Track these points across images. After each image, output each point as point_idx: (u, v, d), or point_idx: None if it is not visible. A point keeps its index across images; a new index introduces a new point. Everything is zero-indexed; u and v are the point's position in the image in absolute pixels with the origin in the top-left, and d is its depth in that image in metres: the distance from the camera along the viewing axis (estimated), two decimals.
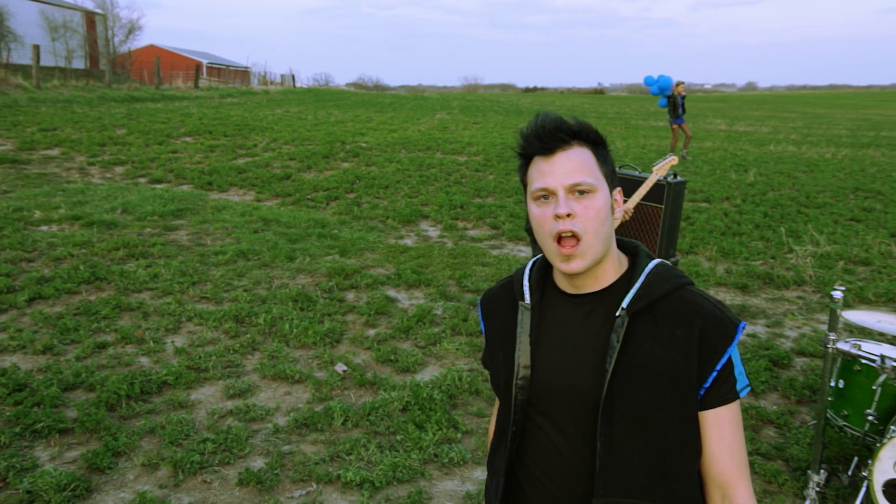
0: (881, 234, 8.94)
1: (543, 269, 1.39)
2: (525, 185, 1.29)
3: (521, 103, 38.92)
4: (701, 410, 1.24)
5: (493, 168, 12.65)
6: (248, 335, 4.83)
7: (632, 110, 37.03)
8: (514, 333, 1.33)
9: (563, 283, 1.33)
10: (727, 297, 6.50)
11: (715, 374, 1.23)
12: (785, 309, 6.24)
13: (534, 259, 1.42)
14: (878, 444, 3.10)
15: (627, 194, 4.61)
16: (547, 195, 1.23)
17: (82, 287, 5.61)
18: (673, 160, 4.49)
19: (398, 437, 3.62)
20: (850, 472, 3.49)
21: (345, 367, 4.39)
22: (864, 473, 3.22)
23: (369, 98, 33.80)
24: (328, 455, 3.43)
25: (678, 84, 15.21)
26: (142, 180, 10.83)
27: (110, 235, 7.13)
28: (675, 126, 15.38)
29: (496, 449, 1.40)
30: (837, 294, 3.17)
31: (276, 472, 3.26)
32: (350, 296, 5.82)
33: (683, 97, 15.18)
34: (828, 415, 3.62)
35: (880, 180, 13.12)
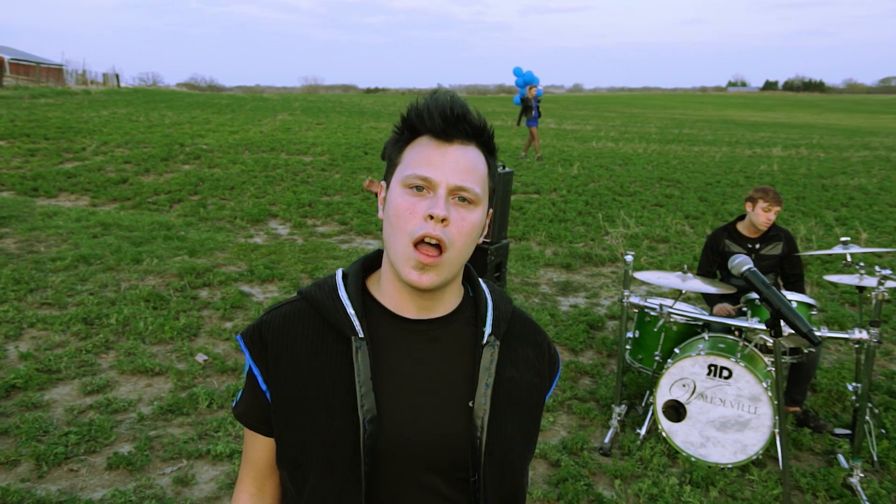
0: (678, 216, 10.43)
1: (360, 287, 1.11)
2: (394, 165, 1.07)
3: (364, 104, 39.29)
4: None
5: (338, 167, 12.94)
6: (101, 335, 4.81)
7: None
8: (340, 376, 1.02)
9: (397, 305, 1.08)
10: (554, 275, 7.36)
11: (551, 391, 1.22)
12: (601, 283, 7.21)
13: (339, 273, 1.13)
14: (658, 376, 3.90)
15: None
16: (423, 187, 1.01)
17: None
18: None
19: None
20: (643, 403, 4.29)
21: (205, 357, 4.56)
22: (650, 400, 4.01)
23: (204, 99, 32.45)
24: (196, 434, 3.64)
25: (531, 88, 16.01)
26: None
27: None
28: (531, 128, 15.98)
29: None
30: (629, 258, 3.94)
31: (145, 453, 3.42)
32: (203, 293, 5.91)
33: (538, 101, 15.99)
34: (627, 360, 4.41)
35: (680, 171, 15.10)
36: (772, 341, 3.89)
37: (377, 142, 17.07)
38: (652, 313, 4.21)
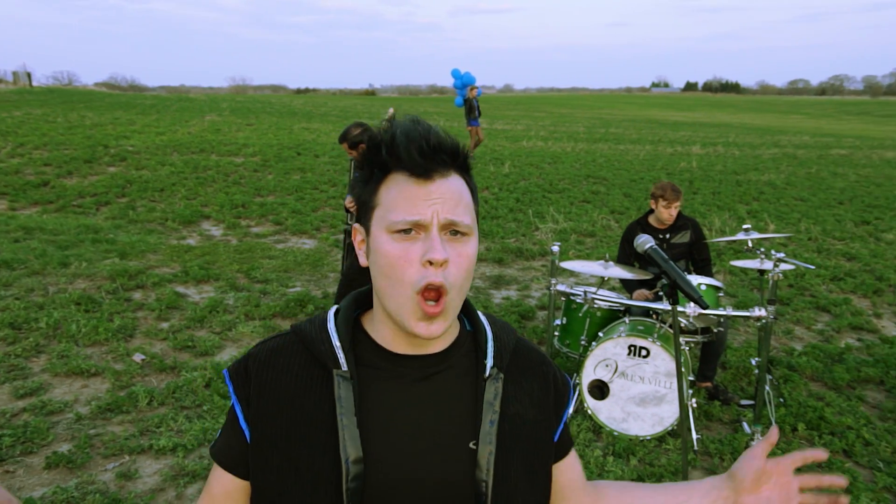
0: (604, 211, 10.91)
1: (351, 323, 1.04)
2: (370, 207, 0.97)
3: (294, 104, 38.81)
4: (554, 463, 1.10)
5: (271, 168, 12.86)
6: (30, 339, 4.73)
7: (402, 111, 38.82)
8: (323, 413, 0.95)
9: (388, 340, 1.00)
10: (487, 269, 7.62)
11: (562, 426, 1.11)
12: (532, 276, 7.52)
13: (334, 309, 1.06)
14: (584, 358, 4.19)
15: None
16: (412, 229, 0.92)
17: None
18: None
19: (205, 408, 3.96)
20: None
21: (143, 357, 4.56)
22: (576, 381, 4.29)
23: (127, 99, 31.34)
24: (137, 431, 3.67)
25: (472, 88, 16.16)
26: None
27: None
28: (470, 128, 16.00)
29: None
30: (555, 248, 4.21)
31: (85, 451, 3.44)
32: (137, 295, 5.86)
33: (477, 101, 16.11)
34: (556, 346, 4.69)
35: (606, 168, 15.72)
36: (685, 322, 4.25)
37: (310, 142, 17.00)
38: (577, 300, 4.49)
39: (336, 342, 0.99)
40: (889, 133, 40.87)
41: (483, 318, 1.10)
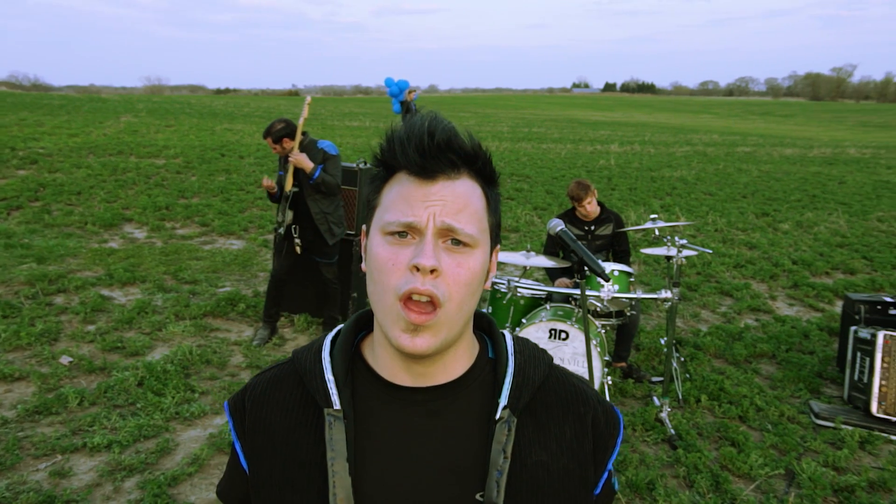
0: (527, 208, 11.31)
1: (350, 349, 0.94)
2: (372, 207, 0.90)
3: (215, 105, 37.84)
4: None
5: (194, 170, 12.62)
6: None
7: (327, 111, 38.58)
8: (316, 455, 0.87)
9: (389, 370, 0.90)
10: None
11: (606, 475, 0.96)
12: None
13: (333, 333, 0.97)
14: None
15: (346, 183, 5.52)
16: (406, 232, 0.83)
17: None
18: (308, 100, 5.23)
19: (139, 405, 3.98)
20: None
21: (70, 359, 4.50)
22: None
23: (32, 99, 29.75)
24: (69, 431, 3.67)
25: (410, 91, 16.20)
26: None
27: None
28: None
29: None
30: None
31: (14, 453, 3.41)
32: (59, 299, 5.73)
33: (415, 104, 16.14)
34: None
35: (529, 167, 16.22)
36: (600, 305, 4.57)
37: (233, 143, 16.73)
38: (502, 289, 4.75)
39: (328, 375, 0.89)
40: (788, 132, 43.72)
41: (510, 344, 0.96)
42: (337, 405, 0.87)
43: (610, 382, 4.37)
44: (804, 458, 3.79)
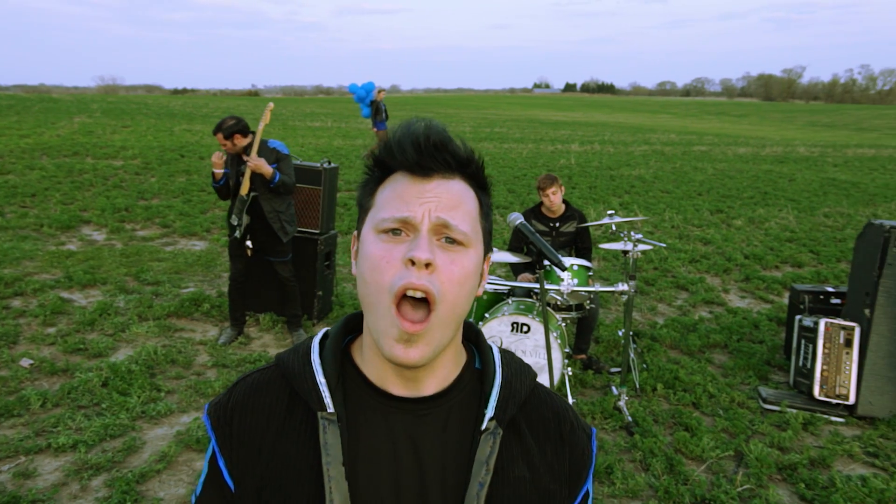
0: None
1: (340, 352, 0.92)
2: (365, 210, 0.90)
3: (172, 105, 37.20)
4: None
5: (154, 171, 12.45)
6: None
7: (288, 112, 38.25)
8: (309, 460, 0.85)
9: (379, 375, 0.89)
10: None
11: (581, 497, 0.95)
12: None
13: (321, 335, 0.95)
14: None
15: (309, 182, 5.58)
16: (401, 229, 0.83)
17: None
18: (270, 106, 5.21)
19: (104, 405, 3.98)
20: None
21: (31, 361, 4.46)
22: None
23: None
24: (32, 432, 3.65)
25: (380, 91, 16.13)
26: None
27: None
28: (378, 131, 15.71)
29: None
30: None
31: None
32: (16, 302, 5.64)
33: (385, 104, 16.02)
34: None
35: (491, 166, 16.39)
36: (560, 299, 4.73)
37: (193, 144, 16.53)
38: None
39: (320, 378, 0.87)
40: (742, 131, 44.95)
41: (497, 355, 0.96)
42: (331, 408, 0.85)
43: (570, 373, 4.52)
44: (752, 440, 4.00)
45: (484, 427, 0.87)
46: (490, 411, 0.88)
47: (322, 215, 5.79)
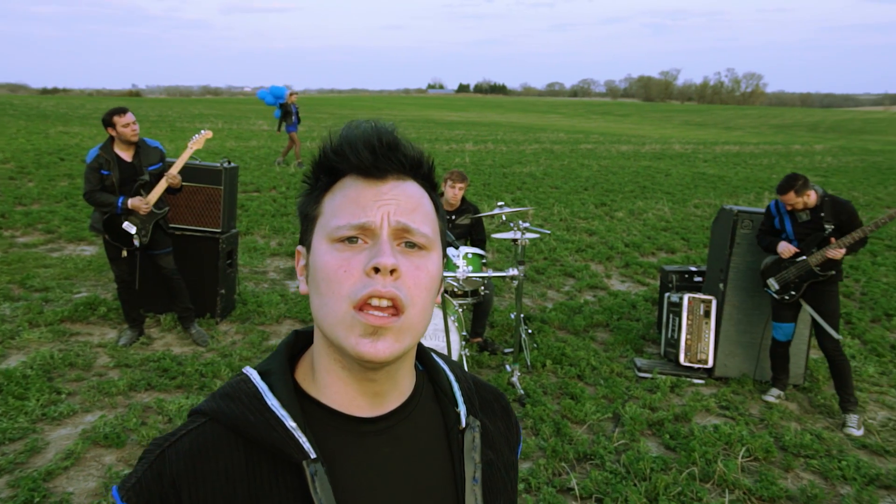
0: None
1: (292, 387, 0.83)
2: (311, 219, 0.83)
3: (43, 106, 34.80)
4: None
5: (31, 175, 11.77)
6: None
7: (174, 113, 36.73)
8: None
9: (342, 399, 0.82)
10: (280, 263, 7.95)
11: (519, 451, 1.00)
12: None
13: (257, 373, 0.83)
14: None
15: (209, 183, 5.61)
16: (358, 237, 0.77)
17: None
18: (208, 134, 5.36)
19: (0, 411, 3.90)
20: None
21: None
22: None
23: None
24: None
25: (291, 94, 15.74)
26: None
27: None
28: (291, 133, 15.46)
29: None
30: None
31: None
32: None
33: (297, 107, 15.71)
34: None
35: None
36: (456, 285, 5.06)
37: (73, 147, 15.69)
38: None
39: (289, 423, 0.77)
40: (625, 130, 47.65)
41: (436, 357, 0.94)
42: (314, 454, 0.76)
43: (468, 354, 4.87)
44: (628, 403, 4.51)
45: (465, 423, 0.87)
46: (462, 407, 0.88)
47: (223, 214, 5.83)
